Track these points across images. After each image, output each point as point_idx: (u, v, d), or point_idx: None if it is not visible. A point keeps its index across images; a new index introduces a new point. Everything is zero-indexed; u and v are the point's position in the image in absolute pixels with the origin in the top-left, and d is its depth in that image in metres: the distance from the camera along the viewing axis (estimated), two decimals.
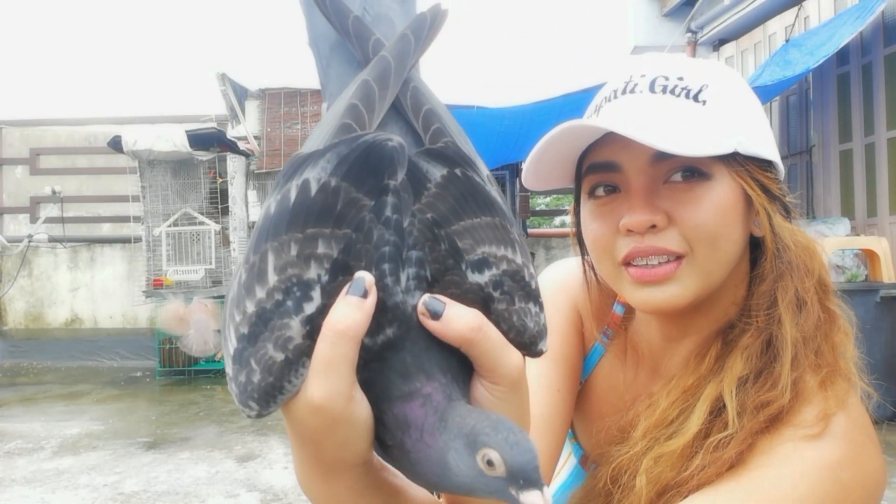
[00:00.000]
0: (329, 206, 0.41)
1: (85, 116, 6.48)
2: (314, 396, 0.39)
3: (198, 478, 2.75)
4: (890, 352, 3.35)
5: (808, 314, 0.67)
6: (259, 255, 0.41)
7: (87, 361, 5.69)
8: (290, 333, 0.40)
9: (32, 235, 5.67)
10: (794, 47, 4.25)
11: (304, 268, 0.40)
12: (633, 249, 0.66)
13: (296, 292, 0.40)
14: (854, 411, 0.65)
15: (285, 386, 0.40)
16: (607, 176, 0.69)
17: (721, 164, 0.65)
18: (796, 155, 4.85)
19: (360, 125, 0.44)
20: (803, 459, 0.61)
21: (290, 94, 5.38)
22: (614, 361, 0.81)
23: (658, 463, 0.65)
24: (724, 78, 0.68)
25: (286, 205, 0.42)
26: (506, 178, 5.27)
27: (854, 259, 3.80)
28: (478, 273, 0.43)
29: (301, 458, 0.45)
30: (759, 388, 0.65)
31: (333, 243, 0.41)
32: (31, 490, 2.64)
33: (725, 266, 0.67)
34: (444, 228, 0.43)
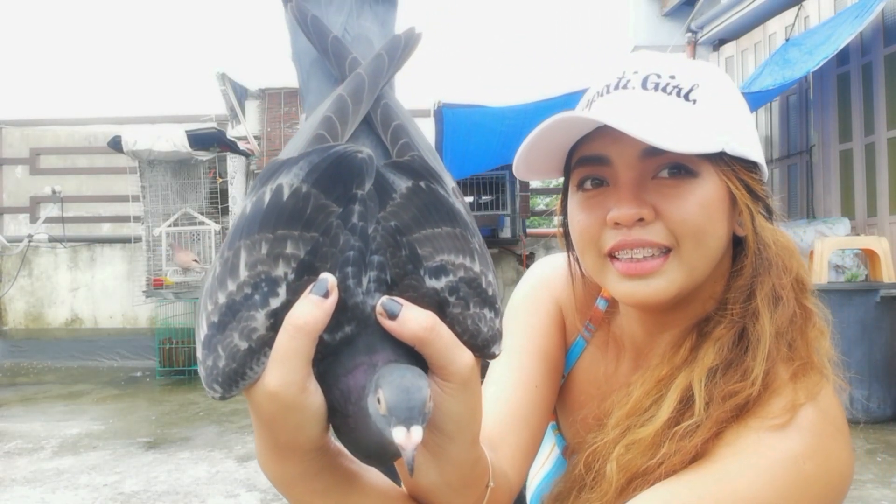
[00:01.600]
0: (299, 210, 0.44)
1: (85, 116, 6.47)
2: (270, 384, 0.43)
3: (198, 478, 2.75)
4: (890, 352, 3.34)
5: (783, 309, 0.68)
6: (233, 251, 0.45)
7: (87, 361, 5.69)
8: (255, 325, 0.43)
9: (32, 235, 5.66)
10: (793, 46, 4.25)
11: (273, 266, 0.44)
12: (619, 241, 0.67)
13: (263, 287, 0.43)
14: (824, 403, 0.65)
15: (247, 373, 0.44)
16: (596, 169, 0.70)
17: (708, 162, 0.67)
18: (796, 155, 4.84)
19: (332, 136, 0.47)
20: (767, 450, 0.62)
21: (290, 94, 5.38)
22: (596, 354, 0.83)
23: (629, 450, 0.67)
24: (714, 79, 0.69)
25: (260, 206, 0.45)
26: (506, 178, 5.27)
27: (854, 259, 3.80)
28: (435, 279, 0.46)
29: (259, 439, 0.49)
30: (728, 378, 0.66)
31: (301, 245, 0.44)
32: (31, 490, 2.64)
33: (709, 262, 0.69)
34: (406, 236, 0.46)
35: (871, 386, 3.33)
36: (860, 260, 3.79)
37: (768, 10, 4.96)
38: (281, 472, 0.49)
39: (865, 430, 3.22)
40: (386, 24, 0.56)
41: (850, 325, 3.29)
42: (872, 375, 3.32)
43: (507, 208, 5.29)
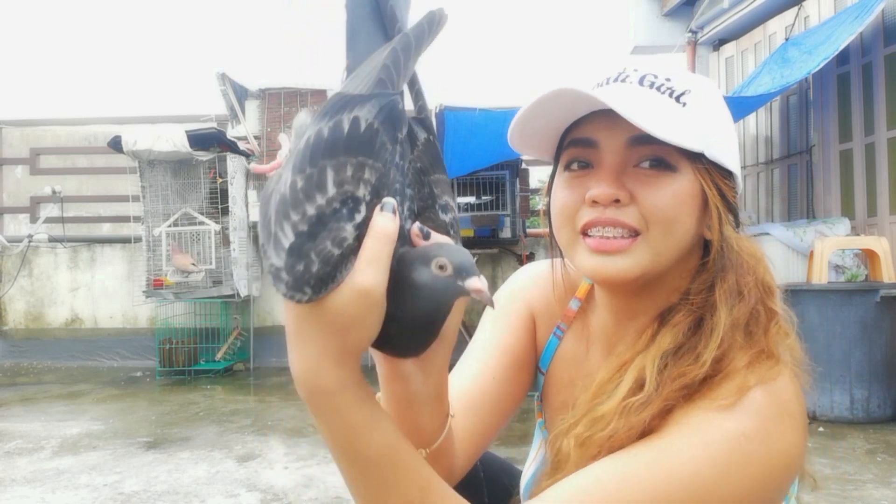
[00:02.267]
0: (372, 143, 0.53)
1: (85, 116, 6.47)
2: (366, 282, 0.51)
3: (198, 478, 2.75)
4: (890, 352, 3.34)
5: (743, 304, 0.72)
6: (317, 169, 0.51)
7: (87, 361, 5.69)
8: (345, 235, 0.51)
9: (32, 235, 5.66)
10: (792, 46, 4.25)
11: (357, 187, 0.52)
12: (593, 218, 0.72)
13: (350, 204, 0.51)
14: (777, 388, 0.68)
15: (337, 276, 0.51)
16: (584, 151, 0.75)
17: (687, 161, 0.71)
18: (796, 155, 4.84)
19: (391, 84, 0.56)
20: (711, 428, 0.65)
21: (290, 94, 5.38)
22: (572, 349, 0.88)
23: (588, 428, 0.71)
24: (705, 90, 0.74)
25: (340, 132, 0.53)
26: (506, 178, 5.27)
27: (854, 259, 3.80)
28: (443, 213, 0.61)
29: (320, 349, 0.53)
30: (680, 361, 0.70)
31: (374, 173, 0.53)
32: (31, 490, 2.64)
33: (675, 250, 0.73)
34: (427, 177, 0.60)
35: (871, 386, 3.33)
36: (860, 260, 3.79)
37: (768, 10, 4.96)
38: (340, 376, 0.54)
39: (865, 430, 3.22)
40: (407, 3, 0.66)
41: (850, 325, 3.29)
42: (872, 375, 3.32)
43: (507, 208, 5.29)
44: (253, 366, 5.40)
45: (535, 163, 5.79)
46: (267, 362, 5.46)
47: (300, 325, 0.54)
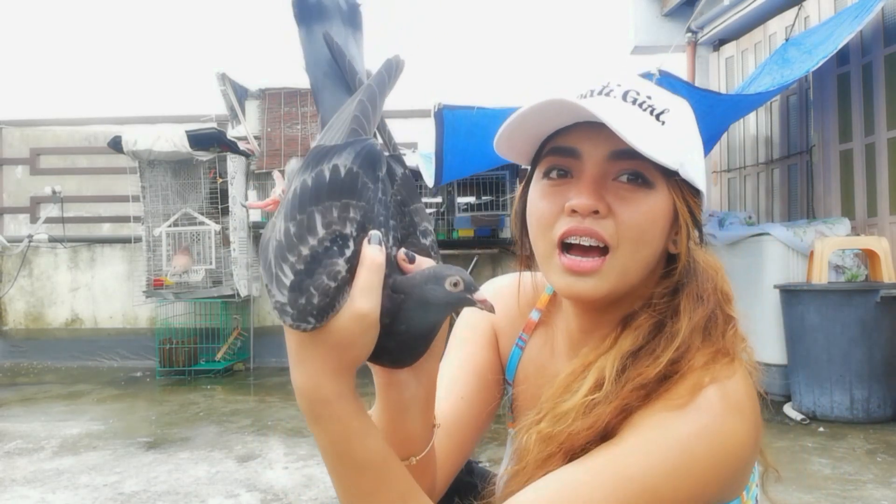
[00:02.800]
0: (353, 185, 0.60)
1: (85, 116, 6.46)
2: (363, 308, 0.58)
3: (198, 478, 2.75)
4: (890, 352, 3.34)
5: (702, 308, 0.76)
6: (306, 215, 0.58)
7: (87, 361, 5.69)
8: (338, 269, 0.57)
9: (32, 235, 5.66)
10: (792, 46, 4.24)
11: (343, 225, 0.59)
12: (572, 227, 0.74)
13: (339, 241, 0.58)
14: (730, 385, 0.71)
15: (335, 305, 0.57)
16: (565, 160, 0.77)
17: (663, 178, 0.74)
18: (796, 155, 4.84)
19: (363, 131, 0.63)
20: (662, 431, 0.68)
21: (290, 94, 5.38)
22: (536, 356, 0.91)
23: (549, 424, 0.74)
24: (682, 111, 0.77)
25: (322, 180, 0.59)
26: (506, 178, 5.27)
27: (854, 259, 3.80)
28: (424, 238, 0.68)
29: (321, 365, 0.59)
30: (639, 362, 0.73)
31: (358, 210, 0.60)
32: (31, 490, 2.64)
33: (642, 268, 0.76)
34: (407, 207, 0.67)
35: (871, 386, 3.33)
36: (860, 260, 3.78)
37: (768, 10, 4.96)
38: (339, 387, 0.60)
39: (865, 430, 3.22)
40: (360, 47, 0.74)
41: (850, 325, 3.29)
42: (872, 375, 3.32)
43: (507, 208, 5.29)
44: (253, 366, 5.40)
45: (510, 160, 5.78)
46: (267, 362, 5.46)
47: (303, 346, 0.60)
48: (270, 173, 5.29)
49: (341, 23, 0.72)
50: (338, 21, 0.72)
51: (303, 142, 5.28)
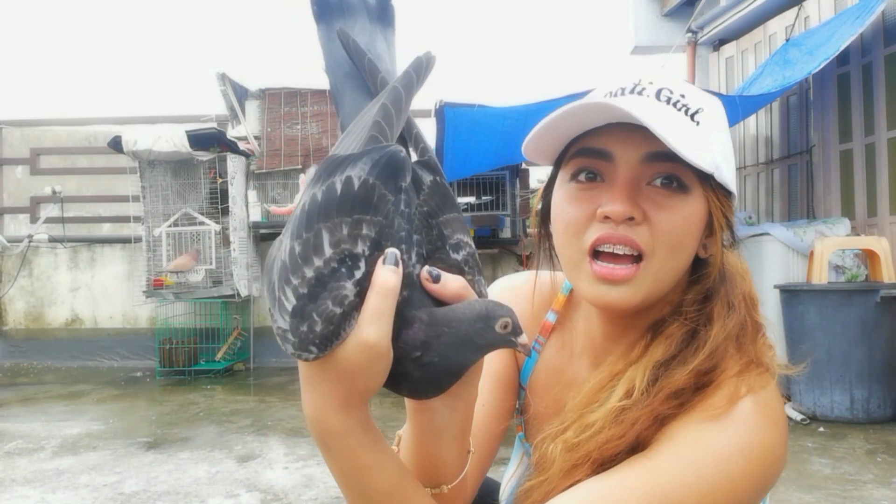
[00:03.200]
0: (368, 198, 0.54)
1: (85, 116, 6.46)
2: (370, 337, 0.52)
3: (198, 478, 2.75)
4: (890, 352, 3.34)
5: (734, 316, 0.73)
6: (313, 233, 0.53)
7: (87, 361, 5.69)
8: (345, 293, 0.52)
9: (32, 235, 5.66)
10: (793, 46, 4.24)
11: (354, 244, 0.53)
12: (605, 234, 0.70)
13: (348, 262, 0.52)
14: (765, 396, 0.69)
15: (341, 333, 0.52)
16: (596, 163, 0.72)
17: (698, 182, 0.71)
18: (796, 155, 4.84)
19: (383, 138, 0.57)
20: (699, 446, 0.65)
21: (290, 94, 5.37)
22: (552, 360, 0.88)
23: (577, 434, 0.71)
24: (715, 110, 0.74)
25: (333, 194, 0.54)
26: (506, 178, 5.27)
27: (854, 259, 3.80)
28: (455, 253, 0.60)
29: (327, 396, 0.55)
30: (671, 371, 0.70)
31: (372, 226, 0.54)
32: (31, 490, 2.64)
33: (675, 275, 0.73)
34: (435, 219, 0.59)
35: (871, 386, 3.33)
36: (860, 260, 3.78)
37: (768, 11, 4.96)
38: (346, 422, 0.56)
39: (865, 430, 3.22)
40: (391, 45, 0.68)
41: (850, 325, 3.29)
42: (872, 375, 3.32)
43: (507, 208, 5.29)
44: (253, 366, 5.40)
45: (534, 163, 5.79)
46: (267, 362, 5.46)
47: (308, 374, 0.56)
48: (270, 173, 5.30)
49: (367, 19, 0.67)
50: (362, 18, 0.67)
51: (302, 142, 5.28)
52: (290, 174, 5.31)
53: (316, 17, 0.67)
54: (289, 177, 5.32)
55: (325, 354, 0.52)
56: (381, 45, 0.67)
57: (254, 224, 5.17)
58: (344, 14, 0.66)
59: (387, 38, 0.68)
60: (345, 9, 0.66)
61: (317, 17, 0.67)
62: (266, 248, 5.56)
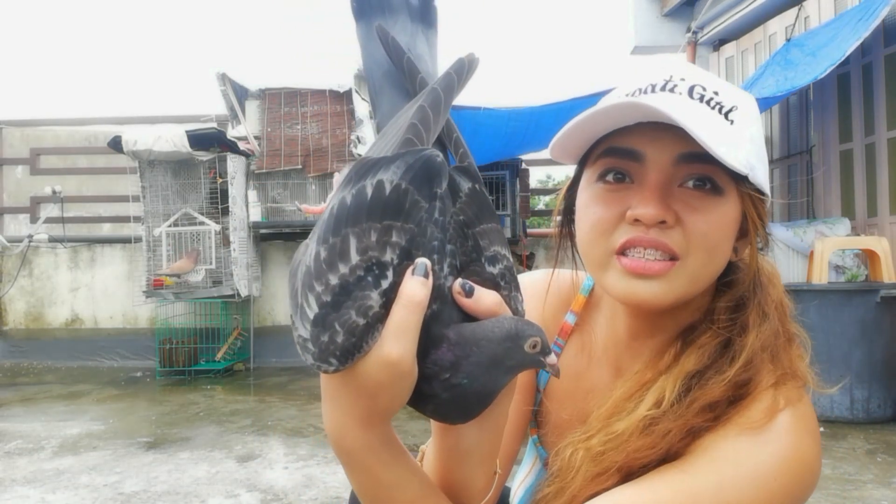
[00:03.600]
0: (399, 204, 0.51)
1: (85, 116, 6.47)
2: (392, 354, 0.49)
3: (198, 478, 2.75)
4: (890, 352, 3.34)
5: (768, 326, 0.70)
6: (340, 238, 0.50)
7: (87, 361, 5.69)
8: (370, 303, 0.49)
9: (32, 235, 5.66)
10: (794, 47, 4.24)
11: (382, 252, 0.50)
12: (635, 237, 0.67)
13: (375, 270, 0.50)
14: (802, 409, 0.67)
15: (363, 346, 0.49)
16: (625, 163, 0.69)
17: (733, 184, 0.68)
18: (796, 155, 4.84)
19: (419, 141, 0.54)
20: (738, 462, 0.63)
21: (290, 94, 5.37)
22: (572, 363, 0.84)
23: (602, 444, 0.68)
24: (750, 107, 0.71)
25: (364, 198, 0.51)
26: (506, 178, 5.27)
27: (854, 259, 3.80)
28: (491, 266, 0.56)
29: (346, 411, 0.53)
30: (705, 382, 0.68)
31: (402, 234, 0.51)
32: (31, 490, 2.64)
33: (711, 278, 0.70)
34: (471, 229, 0.56)
35: (871, 386, 3.33)
36: (860, 260, 3.79)
37: (768, 10, 4.96)
38: (363, 439, 0.54)
39: (865, 430, 3.22)
40: (432, 46, 0.66)
41: (850, 325, 3.29)
42: (872, 375, 3.32)
43: (507, 208, 5.29)
44: (253, 366, 5.40)
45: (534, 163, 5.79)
46: (267, 362, 5.46)
47: (328, 386, 0.54)
48: (270, 173, 5.30)
49: (408, 19, 0.65)
50: (403, 16, 0.64)
51: (302, 142, 5.28)
52: (290, 174, 5.31)
53: (355, 14, 0.65)
54: (289, 177, 5.32)
55: (345, 368, 0.49)
56: (422, 45, 0.65)
57: (254, 224, 5.17)
58: (384, 12, 0.64)
59: (428, 38, 0.66)
60: (385, 7, 0.64)
61: (356, 13, 0.65)
62: (266, 248, 5.57)
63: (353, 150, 5.21)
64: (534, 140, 4.75)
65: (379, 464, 0.55)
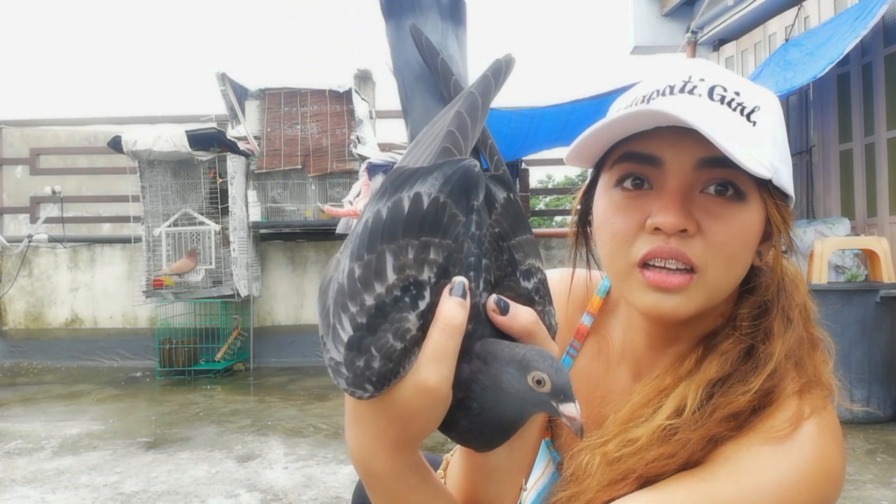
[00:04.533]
0: (438, 219, 0.48)
1: (85, 116, 6.47)
2: (431, 380, 0.46)
3: (198, 478, 2.75)
4: (890, 352, 3.34)
5: (792, 332, 0.69)
6: (375, 255, 0.47)
7: (87, 361, 5.69)
8: (408, 325, 0.47)
9: (32, 235, 5.66)
10: (793, 47, 4.24)
11: (420, 270, 0.47)
12: (656, 248, 0.65)
13: (412, 290, 0.47)
14: (828, 418, 0.66)
15: (400, 371, 0.47)
16: (644, 169, 0.67)
17: (755, 188, 0.66)
18: (796, 155, 4.84)
19: (457, 150, 0.51)
20: (761, 472, 0.61)
21: (290, 94, 5.37)
22: (587, 366, 0.83)
23: (619, 448, 0.67)
24: (773, 107, 0.69)
25: (400, 213, 0.48)
26: None
27: (854, 259, 3.80)
28: (526, 280, 0.53)
29: (376, 436, 0.50)
30: (728, 392, 0.66)
31: (441, 251, 0.48)
32: (31, 490, 2.64)
33: (731, 286, 0.69)
34: (506, 241, 0.53)
35: (871, 386, 3.33)
36: (860, 260, 3.79)
37: (768, 10, 4.96)
38: (392, 465, 0.51)
39: (865, 430, 3.22)
40: (462, 46, 0.63)
41: (850, 325, 3.29)
42: (872, 375, 3.32)
43: None
44: (253, 366, 5.40)
45: (534, 163, 5.79)
46: (267, 362, 5.46)
47: (357, 410, 0.51)
48: (270, 173, 5.30)
49: (438, 17, 0.61)
50: (434, 14, 0.61)
51: (302, 142, 5.28)
52: (290, 174, 5.32)
53: (385, 13, 0.62)
54: (288, 177, 5.32)
55: (378, 394, 0.47)
56: (453, 44, 0.61)
57: (254, 224, 5.17)
58: (414, 10, 0.60)
59: (458, 37, 0.62)
60: (416, 4, 0.61)
61: (386, 12, 0.61)
62: (266, 248, 5.57)
63: (353, 150, 5.21)
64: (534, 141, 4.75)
65: (406, 488, 0.53)
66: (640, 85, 0.71)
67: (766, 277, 0.71)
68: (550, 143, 4.93)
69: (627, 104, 0.71)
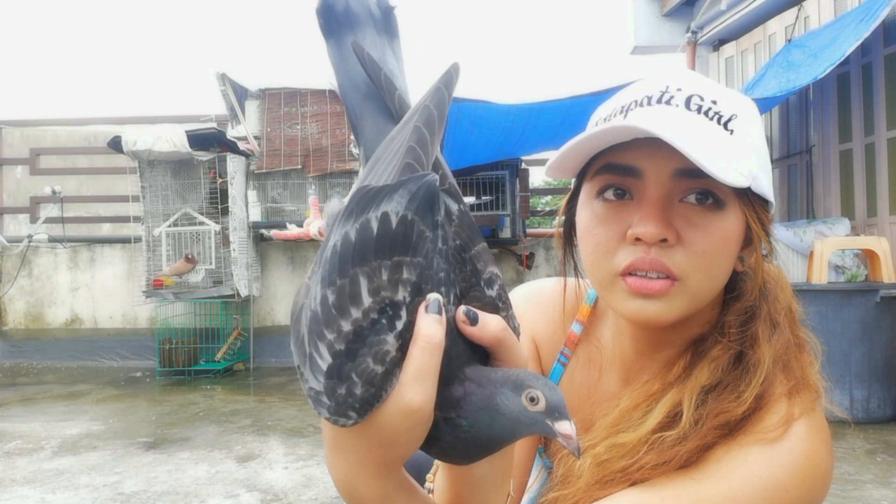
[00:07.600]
0: (408, 237, 0.48)
1: (85, 116, 6.47)
2: (414, 400, 0.45)
3: (198, 478, 2.75)
4: (890, 352, 3.35)
5: (779, 336, 0.70)
6: (349, 279, 0.46)
7: (87, 361, 5.69)
8: (387, 348, 0.46)
9: (32, 235, 5.66)
10: (796, 48, 4.24)
11: (395, 291, 0.46)
12: (636, 260, 0.66)
13: (389, 312, 0.46)
14: (817, 419, 0.67)
15: (382, 395, 0.46)
16: (623, 180, 0.68)
17: (734, 196, 0.67)
18: (796, 155, 4.84)
19: (419, 164, 0.50)
20: (750, 473, 0.62)
21: (290, 94, 5.37)
22: (578, 373, 0.84)
23: (608, 451, 0.68)
24: (749, 112, 0.69)
25: (369, 234, 0.47)
26: (506, 179, 5.27)
27: (854, 259, 3.80)
28: (489, 288, 0.53)
29: (359, 462, 0.49)
30: (721, 398, 0.67)
31: (413, 269, 0.47)
32: (31, 490, 2.64)
33: (713, 293, 0.69)
34: (468, 252, 0.53)
35: (871, 386, 3.33)
36: (860, 260, 3.79)
37: (768, 10, 4.96)
38: (380, 488, 0.50)
39: (865, 430, 3.22)
40: (399, 59, 0.62)
41: (850, 325, 3.29)
42: (872, 375, 3.32)
43: (507, 208, 5.29)
44: (253, 366, 5.40)
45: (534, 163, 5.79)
46: (267, 362, 5.46)
47: (339, 436, 0.49)
48: (270, 173, 5.30)
49: (375, 31, 0.60)
50: (370, 29, 0.60)
51: (302, 142, 5.28)
52: (290, 174, 5.32)
53: (324, 32, 0.60)
54: (288, 177, 5.32)
55: (361, 420, 0.46)
56: (391, 59, 0.60)
57: (254, 224, 5.17)
58: (353, 26, 0.59)
59: (394, 50, 0.62)
60: (353, 20, 0.59)
61: (325, 31, 0.60)
62: (266, 249, 5.57)
63: (353, 150, 5.21)
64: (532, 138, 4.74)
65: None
66: (619, 94, 0.72)
67: (751, 282, 0.72)
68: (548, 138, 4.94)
69: (607, 115, 0.72)
